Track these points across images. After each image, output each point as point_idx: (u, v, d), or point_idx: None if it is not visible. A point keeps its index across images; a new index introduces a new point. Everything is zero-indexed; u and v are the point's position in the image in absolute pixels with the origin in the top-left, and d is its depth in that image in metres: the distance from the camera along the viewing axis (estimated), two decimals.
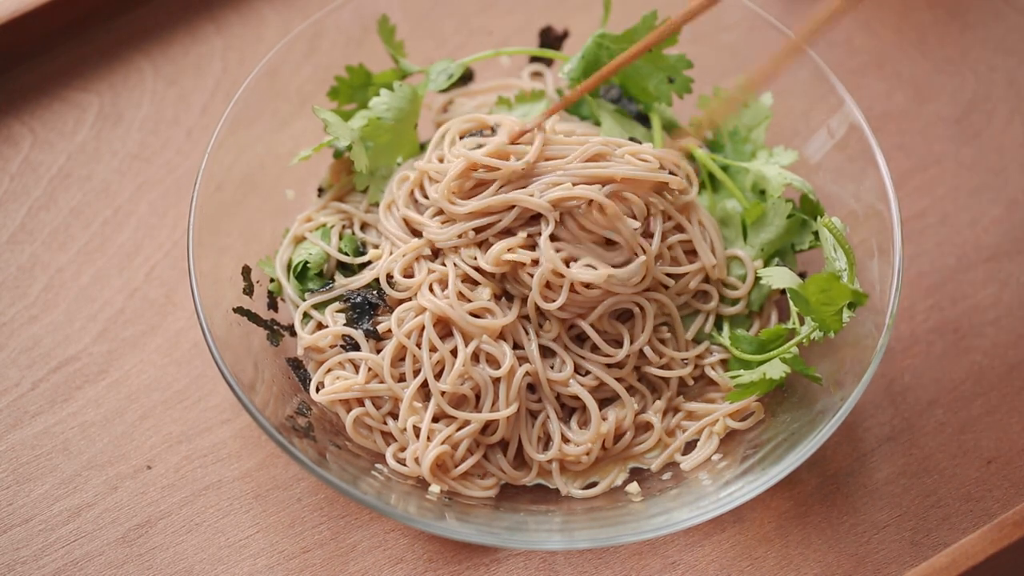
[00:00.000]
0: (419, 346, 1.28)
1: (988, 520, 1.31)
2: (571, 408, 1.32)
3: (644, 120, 1.42)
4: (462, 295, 1.29)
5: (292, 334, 1.35)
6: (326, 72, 1.41)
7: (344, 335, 1.31)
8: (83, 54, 1.59)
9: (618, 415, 1.30)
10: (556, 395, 1.30)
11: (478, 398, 1.29)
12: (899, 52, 1.61)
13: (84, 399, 1.39)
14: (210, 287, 1.28)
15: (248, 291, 1.34)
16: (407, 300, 1.31)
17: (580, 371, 1.30)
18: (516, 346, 1.30)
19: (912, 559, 1.31)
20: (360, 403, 1.30)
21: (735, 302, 1.36)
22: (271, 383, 1.29)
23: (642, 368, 1.32)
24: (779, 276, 1.28)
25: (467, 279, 1.30)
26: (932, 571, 1.24)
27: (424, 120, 1.44)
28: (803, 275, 1.36)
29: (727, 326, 1.35)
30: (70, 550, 1.31)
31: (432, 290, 1.30)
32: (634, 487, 1.29)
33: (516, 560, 1.31)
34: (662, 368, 1.32)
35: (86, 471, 1.35)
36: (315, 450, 1.24)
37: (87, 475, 1.35)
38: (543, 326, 1.30)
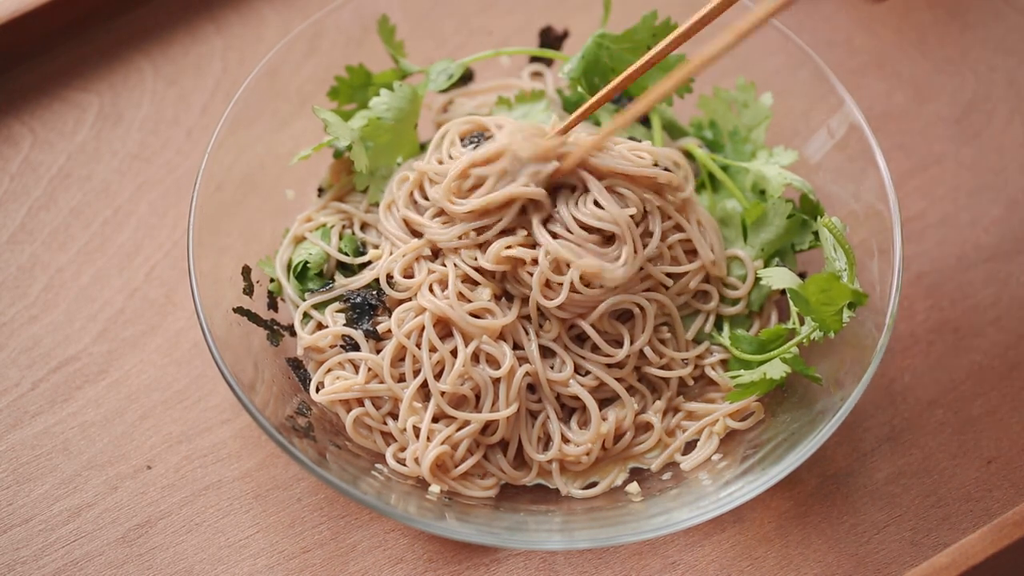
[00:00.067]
0: (419, 346, 1.28)
1: (988, 520, 1.31)
2: (571, 408, 1.32)
3: (644, 120, 1.42)
4: (462, 295, 1.29)
5: (292, 334, 1.35)
6: (326, 72, 1.41)
7: (344, 335, 1.31)
8: (83, 54, 1.59)
9: (618, 415, 1.30)
10: (556, 395, 1.30)
11: (478, 398, 1.29)
12: (899, 52, 1.61)
13: (84, 399, 1.39)
14: (210, 287, 1.28)
15: (248, 291, 1.34)
16: (407, 300, 1.31)
17: (580, 371, 1.30)
18: (516, 346, 1.30)
19: (912, 559, 1.31)
20: (360, 403, 1.30)
21: (735, 302, 1.36)
22: (271, 383, 1.29)
23: (642, 368, 1.32)
24: (779, 276, 1.28)
25: (467, 279, 1.30)
26: (932, 571, 1.24)
27: (424, 120, 1.44)
28: (803, 275, 1.36)
29: (727, 326, 1.35)
30: (70, 550, 1.31)
31: (432, 290, 1.30)
32: (634, 487, 1.29)
33: (516, 560, 1.31)
34: (662, 368, 1.32)
35: (86, 471, 1.35)
36: (315, 450, 1.24)
37: (87, 475, 1.35)
38: (543, 326, 1.30)
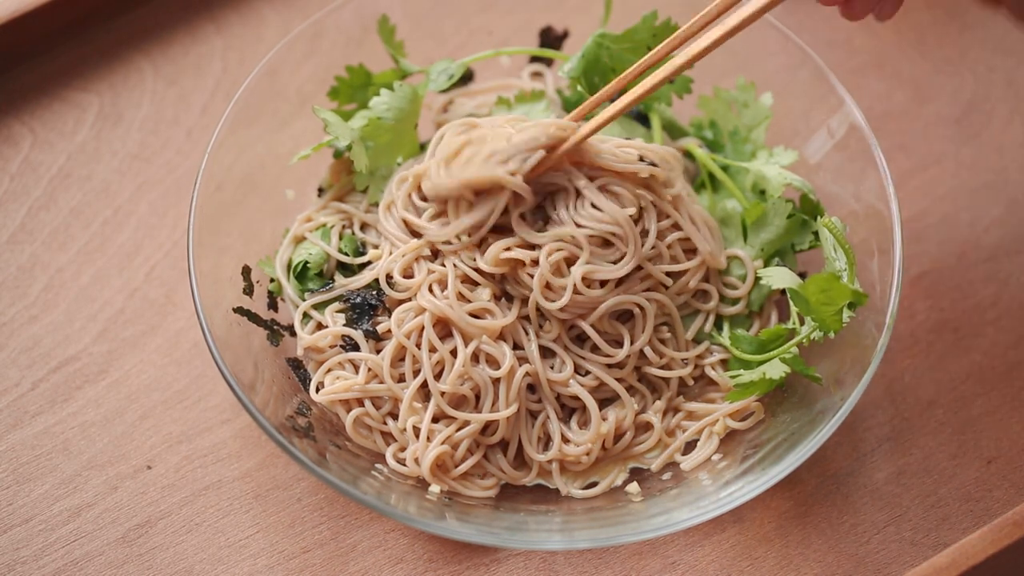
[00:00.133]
0: (419, 346, 1.28)
1: (988, 520, 1.31)
2: (571, 408, 1.32)
3: (644, 120, 1.42)
4: (462, 296, 1.29)
5: (292, 334, 1.35)
6: (326, 72, 1.41)
7: (344, 335, 1.31)
8: (83, 54, 1.59)
9: (618, 415, 1.30)
10: (556, 395, 1.30)
11: (478, 398, 1.29)
12: (899, 52, 1.61)
13: (84, 399, 1.39)
14: (210, 287, 1.28)
15: (248, 291, 1.34)
16: (407, 301, 1.31)
17: (580, 371, 1.30)
18: (516, 346, 1.30)
19: (912, 559, 1.30)
20: (360, 403, 1.30)
21: (735, 302, 1.36)
22: (271, 383, 1.29)
23: (642, 368, 1.32)
24: (779, 276, 1.28)
25: (467, 280, 1.30)
26: (932, 571, 1.24)
27: (424, 120, 1.44)
28: (803, 275, 1.36)
29: (727, 326, 1.35)
30: (70, 550, 1.31)
31: (432, 291, 1.30)
32: (634, 487, 1.29)
33: (516, 560, 1.31)
34: (662, 368, 1.32)
35: (86, 471, 1.35)
36: (315, 450, 1.24)
37: (87, 475, 1.35)
38: (543, 326, 1.30)
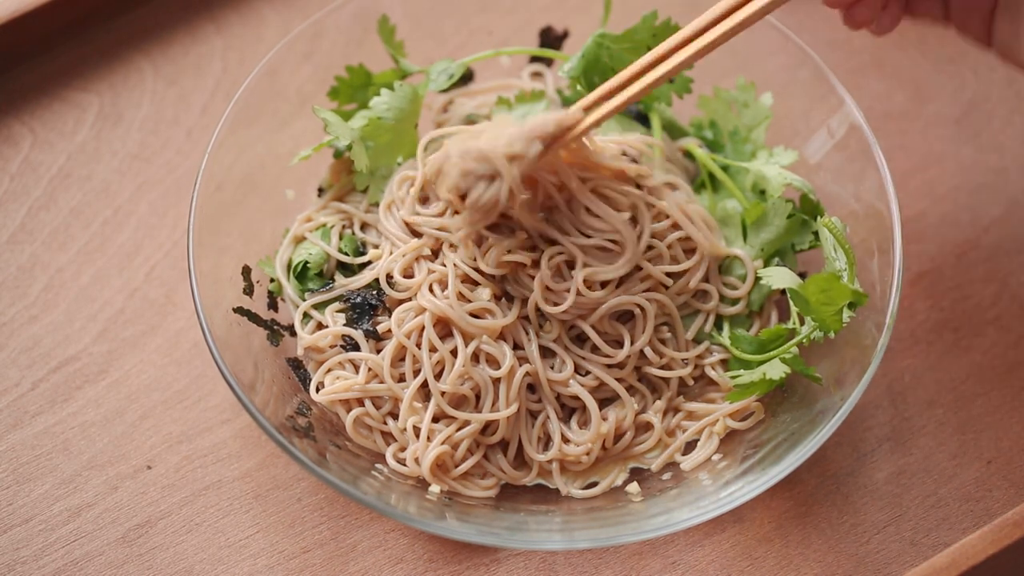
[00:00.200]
0: (419, 346, 1.28)
1: (988, 520, 1.31)
2: (571, 408, 1.32)
3: (644, 120, 1.42)
4: (462, 295, 1.29)
5: (292, 334, 1.35)
6: (326, 72, 1.41)
7: (344, 335, 1.31)
8: (83, 54, 1.59)
9: (618, 415, 1.30)
10: (556, 395, 1.30)
11: (478, 398, 1.29)
12: (899, 52, 1.61)
13: (84, 399, 1.39)
14: (210, 287, 1.28)
15: (248, 291, 1.34)
16: (407, 300, 1.31)
17: (580, 371, 1.30)
18: (516, 346, 1.30)
19: (912, 559, 1.30)
20: (360, 403, 1.30)
21: (735, 302, 1.36)
22: (271, 383, 1.29)
23: (642, 368, 1.32)
24: (779, 276, 1.28)
25: (467, 279, 1.30)
26: (932, 571, 1.24)
27: (424, 120, 1.44)
28: (803, 275, 1.36)
29: (727, 326, 1.35)
30: (70, 550, 1.31)
31: (432, 290, 1.30)
32: (634, 487, 1.29)
33: (516, 560, 1.31)
34: (662, 368, 1.32)
35: (86, 471, 1.35)
36: (315, 450, 1.24)
37: (87, 475, 1.35)
38: (543, 327, 1.30)
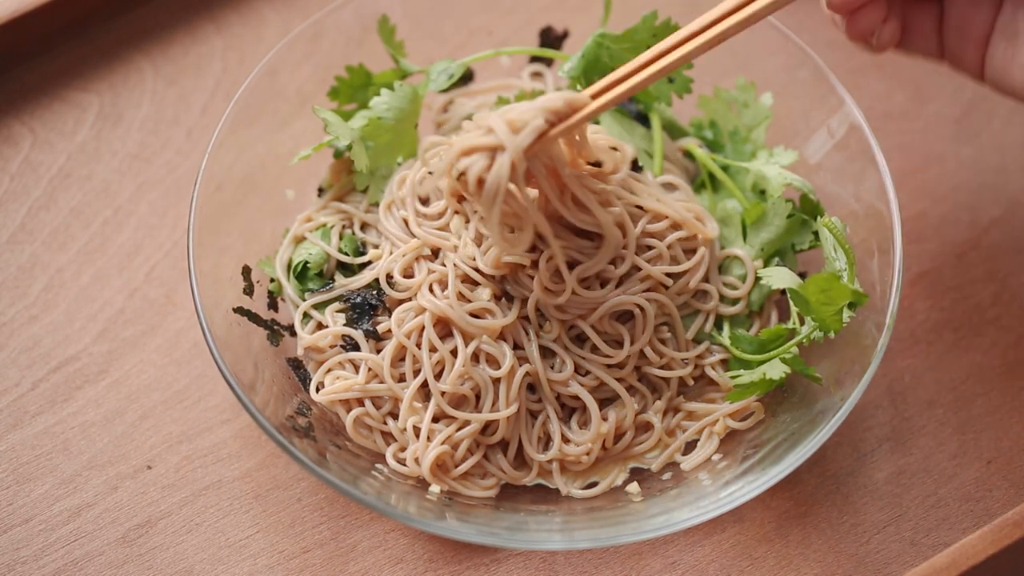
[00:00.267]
0: (419, 346, 1.28)
1: (988, 520, 1.31)
2: (571, 408, 1.32)
3: (644, 120, 1.42)
4: (462, 295, 1.29)
5: (292, 334, 1.35)
6: (326, 72, 1.41)
7: (344, 335, 1.31)
8: (83, 54, 1.59)
9: (618, 415, 1.30)
10: (556, 395, 1.30)
11: (478, 398, 1.29)
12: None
13: (84, 399, 1.39)
14: (210, 287, 1.28)
15: (248, 291, 1.34)
16: (407, 300, 1.31)
17: (580, 371, 1.30)
18: (516, 346, 1.29)
19: (912, 559, 1.31)
20: (360, 403, 1.30)
21: (735, 302, 1.36)
22: (271, 383, 1.29)
23: (642, 368, 1.32)
24: (779, 276, 1.28)
25: (467, 279, 1.30)
26: (932, 571, 1.24)
27: (424, 120, 1.44)
28: (803, 275, 1.36)
29: (727, 326, 1.35)
30: (70, 550, 1.31)
31: (432, 290, 1.30)
32: (634, 487, 1.29)
33: (516, 560, 1.31)
34: (662, 368, 1.32)
35: (86, 471, 1.35)
36: (315, 450, 1.24)
37: (87, 475, 1.35)
38: (543, 327, 1.30)
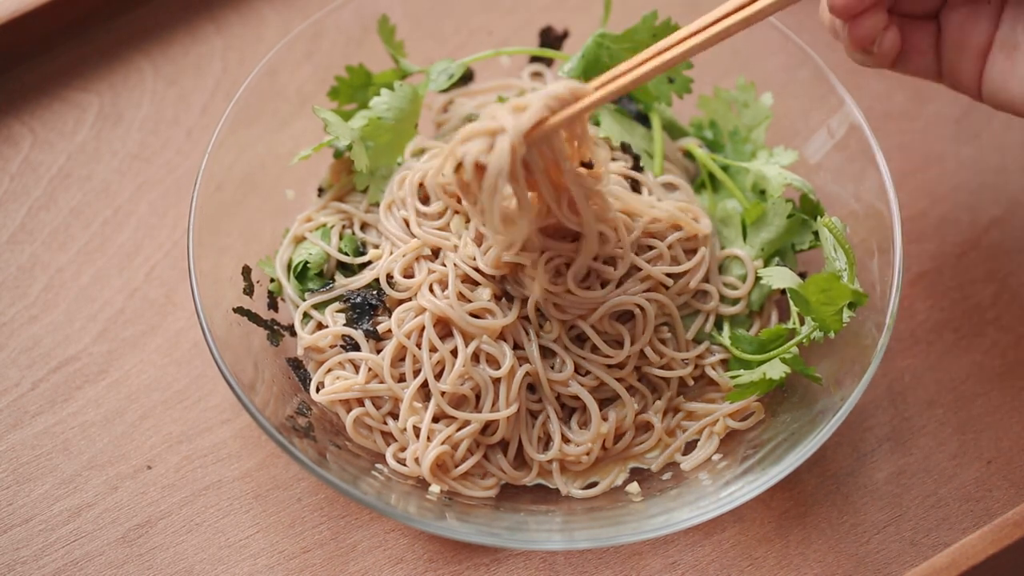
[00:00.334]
0: (419, 346, 1.28)
1: (988, 520, 1.31)
2: (571, 408, 1.31)
3: (644, 120, 1.42)
4: (462, 295, 1.29)
5: (292, 334, 1.35)
6: (326, 72, 1.41)
7: (344, 335, 1.31)
8: (83, 54, 1.59)
9: (618, 415, 1.30)
10: (556, 395, 1.30)
11: (478, 398, 1.29)
12: None
13: (84, 399, 1.39)
14: (210, 287, 1.28)
15: (248, 291, 1.34)
16: (407, 300, 1.31)
17: (580, 371, 1.30)
18: (516, 346, 1.29)
19: (912, 559, 1.30)
20: (360, 403, 1.30)
21: (735, 302, 1.36)
22: (271, 383, 1.29)
23: (642, 368, 1.32)
24: (779, 276, 1.28)
25: (467, 279, 1.30)
26: (932, 571, 1.24)
27: (424, 120, 1.44)
28: (803, 275, 1.36)
29: (727, 326, 1.35)
30: (70, 550, 1.31)
31: (432, 290, 1.30)
32: (634, 487, 1.29)
33: (516, 560, 1.31)
34: (662, 368, 1.32)
35: (86, 471, 1.35)
36: (315, 450, 1.24)
37: (87, 475, 1.35)
38: (543, 327, 1.30)
